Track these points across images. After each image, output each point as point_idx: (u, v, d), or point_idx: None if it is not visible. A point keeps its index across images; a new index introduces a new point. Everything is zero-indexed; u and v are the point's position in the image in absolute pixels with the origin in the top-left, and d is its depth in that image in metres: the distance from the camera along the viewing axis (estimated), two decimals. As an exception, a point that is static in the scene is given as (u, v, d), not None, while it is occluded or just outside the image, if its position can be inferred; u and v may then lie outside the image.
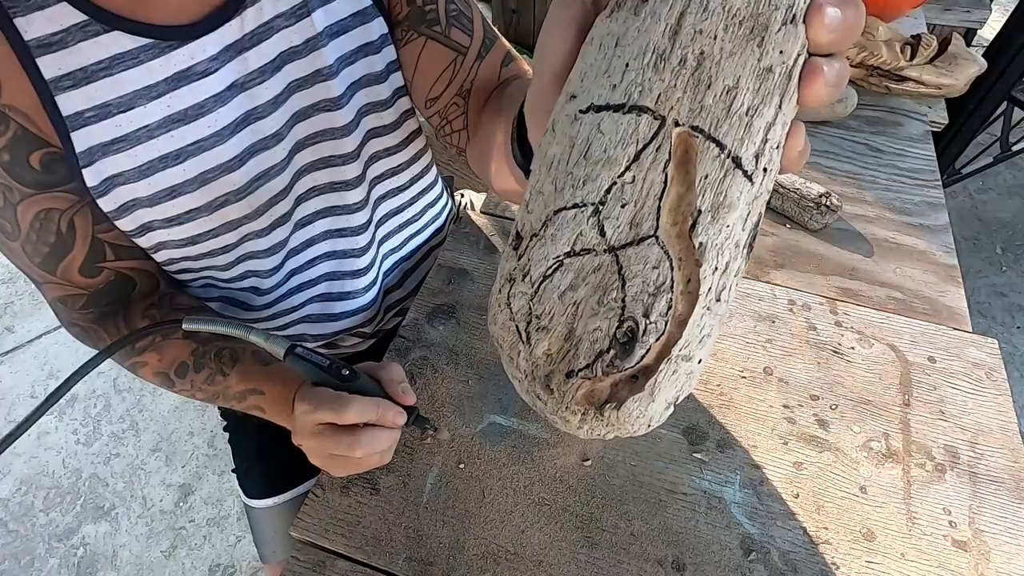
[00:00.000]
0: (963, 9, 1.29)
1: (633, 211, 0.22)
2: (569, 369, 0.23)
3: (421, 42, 0.57)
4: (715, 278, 0.23)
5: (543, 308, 0.24)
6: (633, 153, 0.22)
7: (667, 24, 0.22)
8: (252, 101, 0.52)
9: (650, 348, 0.23)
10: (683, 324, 0.23)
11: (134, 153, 0.48)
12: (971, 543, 0.52)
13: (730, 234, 0.23)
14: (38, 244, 0.50)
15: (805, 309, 0.67)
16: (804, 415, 0.59)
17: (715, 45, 0.21)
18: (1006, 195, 2.11)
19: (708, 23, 0.21)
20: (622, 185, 0.22)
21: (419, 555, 0.50)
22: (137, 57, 0.46)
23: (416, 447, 0.57)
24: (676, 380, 0.24)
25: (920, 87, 0.86)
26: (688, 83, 0.22)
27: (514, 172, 0.40)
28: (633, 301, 0.23)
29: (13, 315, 1.74)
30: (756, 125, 0.22)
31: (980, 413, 0.59)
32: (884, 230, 0.77)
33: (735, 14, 0.21)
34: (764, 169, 0.23)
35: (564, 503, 0.53)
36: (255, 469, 0.79)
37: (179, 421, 1.53)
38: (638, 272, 0.23)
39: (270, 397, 0.54)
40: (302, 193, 0.61)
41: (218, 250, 0.58)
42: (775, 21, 0.21)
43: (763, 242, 0.75)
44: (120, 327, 0.57)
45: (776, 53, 0.21)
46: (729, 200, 0.22)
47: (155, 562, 1.32)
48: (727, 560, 0.50)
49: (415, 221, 0.76)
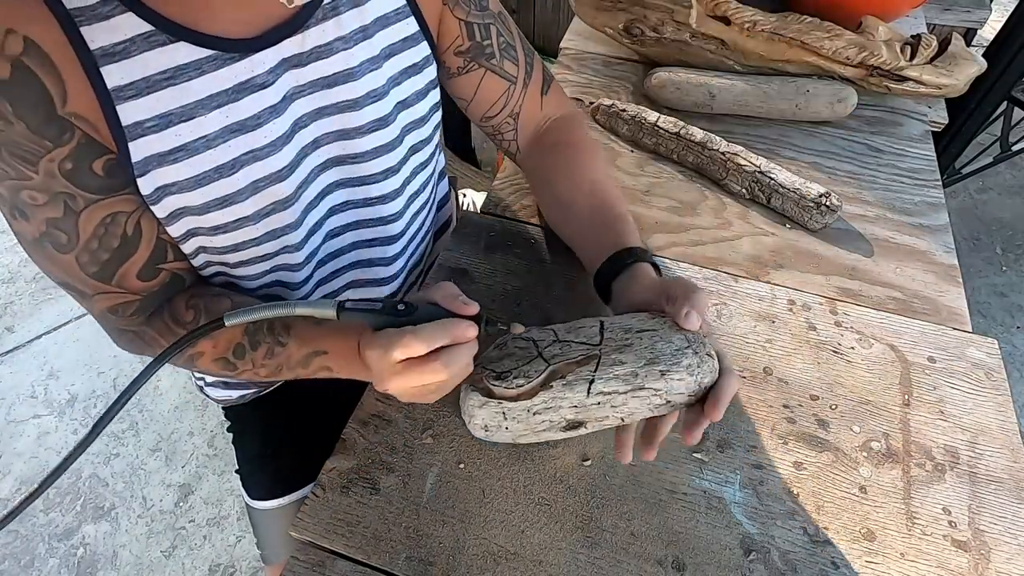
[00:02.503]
0: (963, 9, 1.29)
1: (558, 351, 0.50)
2: (484, 365, 0.51)
3: (480, 73, 0.66)
4: (539, 404, 0.48)
5: (507, 343, 0.52)
6: (585, 338, 0.51)
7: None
8: (298, 111, 0.54)
9: (501, 388, 0.49)
10: (514, 400, 0.49)
11: (191, 163, 0.49)
12: (971, 543, 0.52)
13: (560, 397, 0.48)
14: (98, 251, 0.49)
15: (805, 309, 0.67)
16: (804, 415, 0.59)
17: (636, 356, 0.48)
18: (1006, 195, 2.11)
19: (638, 352, 0.48)
20: (570, 342, 0.50)
21: (419, 555, 0.50)
22: (200, 68, 0.47)
23: (416, 447, 0.57)
24: (494, 417, 0.50)
25: (920, 87, 0.86)
26: (617, 348, 0.49)
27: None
28: (519, 370, 0.49)
29: (13, 315, 1.74)
30: (609, 385, 0.47)
31: (980, 413, 0.59)
32: (884, 230, 0.77)
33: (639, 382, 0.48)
34: (593, 401, 0.48)
35: (564, 503, 0.53)
36: (260, 470, 0.79)
37: (179, 421, 1.53)
38: (530, 366, 0.49)
39: (334, 354, 0.54)
40: (336, 205, 0.63)
41: (256, 258, 0.58)
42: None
43: (763, 242, 0.75)
44: (167, 322, 0.56)
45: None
46: (574, 388, 0.48)
47: (155, 562, 1.32)
48: (727, 560, 0.50)
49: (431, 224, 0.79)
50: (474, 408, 0.51)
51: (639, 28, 0.95)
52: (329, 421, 0.64)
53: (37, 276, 1.83)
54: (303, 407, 0.80)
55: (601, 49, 1.05)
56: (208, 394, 0.82)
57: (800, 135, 0.89)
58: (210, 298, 0.57)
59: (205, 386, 0.81)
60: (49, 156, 0.44)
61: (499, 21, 0.66)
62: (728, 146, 0.80)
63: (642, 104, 0.91)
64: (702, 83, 0.89)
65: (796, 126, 0.91)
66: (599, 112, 0.90)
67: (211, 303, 0.56)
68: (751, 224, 0.77)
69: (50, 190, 0.46)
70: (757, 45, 0.88)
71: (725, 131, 0.86)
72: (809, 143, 0.88)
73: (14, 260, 1.87)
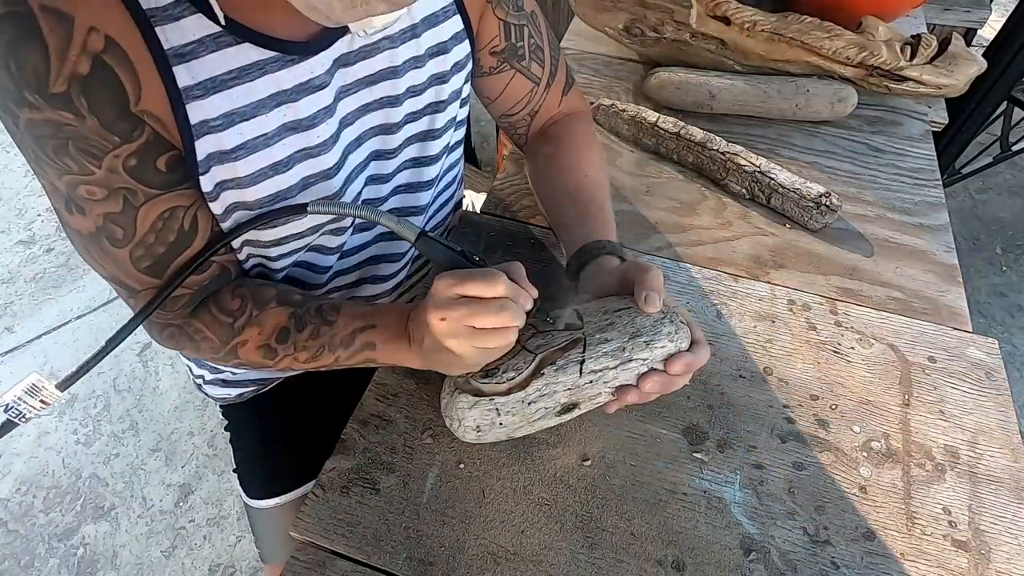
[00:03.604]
0: (963, 9, 1.29)
1: (543, 341, 0.52)
2: (483, 371, 0.51)
3: (511, 74, 0.67)
4: (533, 393, 0.50)
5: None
6: (569, 323, 0.53)
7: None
8: (344, 110, 0.55)
9: (491, 384, 0.50)
10: (506, 393, 0.51)
11: (249, 160, 0.50)
12: (971, 543, 0.52)
13: (553, 382, 0.50)
14: (154, 245, 0.50)
15: (805, 309, 0.67)
16: (804, 415, 0.59)
17: (620, 332, 0.51)
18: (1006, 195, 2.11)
19: (619, 329, 0.52)
20: (552, 332, 0.52)
21: (419, 555, 0.50)
22: (263, 68, 0.48)
23: (416, 447, 0.57)
24: (486, 415, 0.51)
25: (920, 87, 0.86)
26: (599, 326, 0.52)
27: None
28: (508, 365, 0.51)
29: (13, 315, 1.74)
30: (600, 362, 0.51)
31: (980, 413, 0.59)
32: (884, 230, 0.77)
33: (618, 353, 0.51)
34: (586, 380, 0.51)
35: (564, 503, 0.53)
36: (257, 469, 0.79)
37: (179, 421, 1.53)
38: (519, 358, 0.51)
39: (382, 328, 0.55)
40: (370, 199, 0.65)
41: (296, 250, 0.59)
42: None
43: (763, 242, 0.75)
44: (213, 312, 0.56)
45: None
46: (566, 371, 0.51)
47: (155, 562, 1.32)
48: (727, 560, 0.50)
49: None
50: (464, 410, 0.51)
51: (639, 28, 0.95)
52: (327, 420, 0.64)
53: (37, 276, 1.83)
54: (301, 406, 0.80)
55: (601, 49, 1.05)
56: (207, 392, 0.82)
57: (800, 135, 0.89)
58: (255, 287, 0.58)
59: (204, 384, 0.81)
60: (115, 152, 0.45)
61: (532, 22, 0.67)
62: (728, 146, 0.80)
63: (642, 104, 0.91)
64: (702, 83, 0.89)
65: (796, 126, 0.91)
66: (599, 112, 0.90)
67: (256, 291, 0.57)
68: (751, 224, 0.77)
69: (111, 185, 0.46)
70: (757, 45, 0.88)
71: (725, 131, 0.86)
72: (809, 143, 0.88)
73: (14, 260, 1.87)
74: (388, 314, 0.56)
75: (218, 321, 0.56)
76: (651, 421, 0.58)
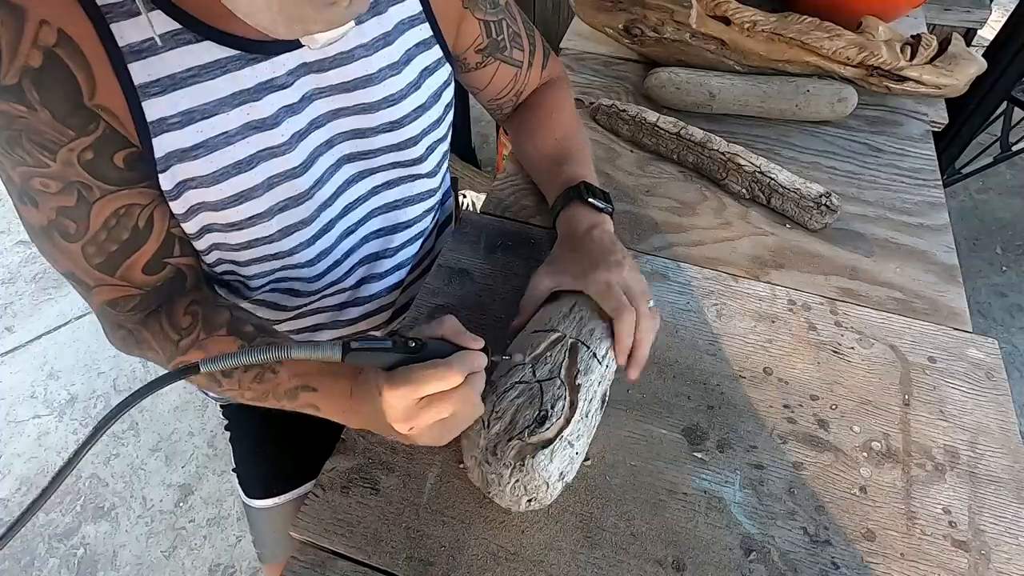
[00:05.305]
0: (963, 9, 1.29)
1: (549, 366, 0.52)
2: (509, 436, 0.48)
3: (496, 66, 0.70)
4: (584, 403, 0.50)
5: (501, 408, 0.49)
6: (549, 343, 0.53)
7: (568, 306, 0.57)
8: (315, 112, 0.55)
9: (552, 426, 0.48)
10: (568, 422, 0.49)
11: (211, 159, 0.50)
12: (971, 543, 0.52)
13: (590, 384, 0.52)
14: (106, 243, 0.50)
15: (805, 309, 0.67)
16: (804, 415, 0.59)
17: (589, 314, 0.56)
18: (1006, 195, 2.11)
19: (586, 313, 0.56)
20: (544, 356, 0.53)
21: (419, 555, 0.50)
22: (224, 67, 0.48)
23: (416, 447, 0.57)
24: (564, 455, 0.48)
25: (920, 87, 0.86)
26: (575, 325, 0.55)
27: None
28: (546, 403, 0.49)
29: (13, 315, 1.74)
30: (603, 345, 0.54)
31: (980, 413, 0.59)
32: (884, 230, 0.77)
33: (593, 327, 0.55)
34: (606, 364, 0.54)
35: (564, 503, 0.53)
36: (256, 469, 0.79)
37: (179, 421, 1.53)
38: (549, 391, 0.50)
39: (323, 392, 0.52)
40: (350, 203, 0.64)
41: (268, 256, 0.59)
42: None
43: (763, 242, 0.75)
44: (163, 324, 0.56)
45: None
46: (591, 369, 0.52)
47: (155, 562, 1.32)
48: (727, 560, 0.50)
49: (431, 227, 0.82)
50: (544, 468, 0.47)
51: (639, 28, 0.95)
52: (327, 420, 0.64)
53: (37, 276, 1.83)
54: None
55: (601, 49, 1.05)
56: (207, 392, 0.82)
57: (800, 135, 0.89)
58: (210, 307, 0.56)
59: (204, 385, 0.81)
60: (70, 145, 0.45)
61: (507, 12, 0.69)
62: (728, 146, 0.80)
63: (642, 104, 0.91)
64: (702, 83, 0.89)
65: (796, 126, 0.91)
66: (599, 112, 0.90)
67: (210, 313, 0.56)
68: (751, 224, 0.77)
69: (65, 179, 0.46)
70: (757, 45, 0.88)
71: (725, 131, 0.86)
72: (809, 143, 0.88)
73: (14, 260, 1.87)
74: (328, 379, 0.52)
75: (166, 336, 0.55)
76: (651, 421, 0.58)
